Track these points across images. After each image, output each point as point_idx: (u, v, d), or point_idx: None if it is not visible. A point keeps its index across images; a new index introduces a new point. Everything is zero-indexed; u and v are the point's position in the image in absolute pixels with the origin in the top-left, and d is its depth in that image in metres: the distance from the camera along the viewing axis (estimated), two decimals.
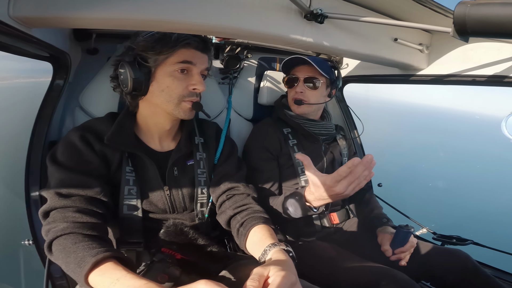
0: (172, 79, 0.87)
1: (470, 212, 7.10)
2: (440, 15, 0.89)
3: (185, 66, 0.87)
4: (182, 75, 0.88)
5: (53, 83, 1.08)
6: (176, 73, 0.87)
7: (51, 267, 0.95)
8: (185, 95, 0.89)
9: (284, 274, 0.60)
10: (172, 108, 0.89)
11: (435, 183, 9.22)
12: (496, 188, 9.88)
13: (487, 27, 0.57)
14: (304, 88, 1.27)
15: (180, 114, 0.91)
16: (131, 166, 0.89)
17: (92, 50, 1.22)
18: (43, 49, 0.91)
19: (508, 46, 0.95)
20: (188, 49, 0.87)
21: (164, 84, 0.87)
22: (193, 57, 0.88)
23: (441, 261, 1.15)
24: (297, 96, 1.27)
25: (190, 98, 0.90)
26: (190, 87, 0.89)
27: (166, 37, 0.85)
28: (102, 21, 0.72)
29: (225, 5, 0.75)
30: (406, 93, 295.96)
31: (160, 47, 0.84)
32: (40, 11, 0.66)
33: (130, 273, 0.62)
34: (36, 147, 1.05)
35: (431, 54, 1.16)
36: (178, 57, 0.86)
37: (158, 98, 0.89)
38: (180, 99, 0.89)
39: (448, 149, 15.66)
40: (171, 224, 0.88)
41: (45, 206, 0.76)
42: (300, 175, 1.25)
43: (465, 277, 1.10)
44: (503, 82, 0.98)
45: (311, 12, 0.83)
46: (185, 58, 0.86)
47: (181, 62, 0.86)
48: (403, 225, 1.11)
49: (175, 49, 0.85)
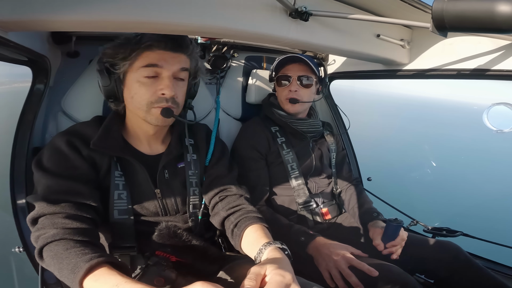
0: (139, 85, 0.83)
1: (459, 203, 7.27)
2: (420, 11, 0.91)
3: (151, 70, 0.82)
4: (150, 80, 0.83)
5: (33, 87, 1.05)
6: (143, 79, 0.83)
7: (45, 274, 0.93)
8: (153, 101, 0.84)
9: (281, 273, 0.61)
10: (143, 115, 0.86)
11: (422, 176, 9.42)
12: (485, 179, 10.13)
13: (464, 22, 0.60)
14: (297, 86, 1.27)
15: (152, 121, 0.86)
16: (120, 171, 0.87)
17: (73, 53, 1.19)
18: (20, 53, 0.88)
19: (488, 40, 0.98)
20: (153, 51, 0.82)
21: (133, 91, 0.85)
22: (159, 59, 0.82)
23: (433, 253, 1.17)
24: (291, 95, 1.27)
25: (159, 104, 0.84)
26: (158, 92, 0.83)
27: (128, 41, 0.82)
28: (81, 24, 0.70)
29: (209, 5, 0.74)
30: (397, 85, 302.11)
31: (123, 52, 0.82)
32: (16, 14, 0.63)
33: (127, 278, 0.61)
34: (20, 154, 1.02)
35: (413, 49, 1.20)
36: (143, 61, 0.82)
37: (130, 105, 0.88)
38: (149, 105, 0.84)
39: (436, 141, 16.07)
40: (164, 227, 0.88)
41: (33, 213, 0.74)
42: (290, 172, 1.27)
43: (458, 269, 1.12)
44: (485, 75, 1.01)
45: (296, 10, 0.84)
46: (149, 61, 0.82)
47: (145, 66, 0.82)
48: (392, 219, 1.12)
49: (138, 53, 0.82)
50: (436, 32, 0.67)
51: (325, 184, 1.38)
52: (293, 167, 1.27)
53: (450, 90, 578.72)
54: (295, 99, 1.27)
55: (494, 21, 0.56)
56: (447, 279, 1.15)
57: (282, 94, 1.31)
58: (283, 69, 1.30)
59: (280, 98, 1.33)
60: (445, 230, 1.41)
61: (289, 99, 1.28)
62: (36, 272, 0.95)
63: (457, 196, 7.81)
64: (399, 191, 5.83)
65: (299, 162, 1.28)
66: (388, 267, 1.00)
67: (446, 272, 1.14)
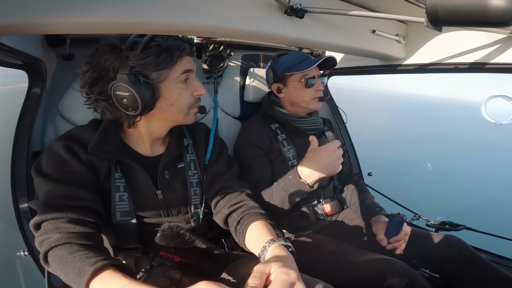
0: (179, 91, 0.86)
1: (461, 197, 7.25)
2: (414, 6, 0.91)
3: (187, 75, 0.87)
4: (185, 84, 0.88)
5: (30, 91, 1.05)
6: (180, 84, 0.87)
7: (51, 277, 0.94)
8: (192, 103, 0.90)
9: (286, 270, 0.61)
10: (182, 118, 0.90)
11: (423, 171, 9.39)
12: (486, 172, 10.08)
13: (458, 16, 0.60)
14: (320, 85, 1.30)
15: (190, 121, 0.93)
16: (120, 173, 0.87)
17: (68, 56, 1.19)
18: (15, 56, 0.88)
19: (483, 34, 0.98)
20: (185, 57, 0.86)
21: (173, 98, 0.86)
22: (191, 64, 0.88)
23: (437, 248, 1.17)
24: (320, 94, 1.30)
25: (196, 104, 0.92)
26: (194, 93, 0.90)
27: (166, 49, 0.81)
28: (74, 26, 0.69)
29: (204, 4, 0.74)
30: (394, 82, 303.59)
31: (164, 61, 0.81)
32: (8, 18, 0.63)
33: (132, 280, 0.62)
34: (19, 159, 1.02)
35: (408, 44, 1.20)
36: (181, 67, 0.85)
37: (167, 113, 0.88)
38: (189, 108, 0.90)
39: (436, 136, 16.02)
40: (167, 227, 0.88)
41: (36, 218, 0.74)
42: None
43: (462, 263, 1.12)
44: (481, 69, 1.01)
45: (291, 7, 0.84)
46: (186, 67, 0.86)
47: (184, 72, 0.86)
48: (395, 214, 1.11)
49: (176, 60, 0.84)
50: (431, 26, 0.67)
51: (327, 181, 1.38)
52: (294, 164, 1.27)
53: (451, 88, 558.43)
54: (323, 97, 1.31)
55: (487, 15, 0.56)
56: (452, 273, 1.15)
57: (306, 94, 1.29)
58: (304, 71, 1.26)
59: (303, 98, 1.29)
60: (448, 224, 1.40)
61: (319, 98, 1.30)
62: (42, 275, 0.96)
63: (459, 189, 7.80)
64: (400, 186, 5.83)
65: (300, 159, 1.29)
66: (393, 262, 1.00)
67: (451, 267, 1.14)
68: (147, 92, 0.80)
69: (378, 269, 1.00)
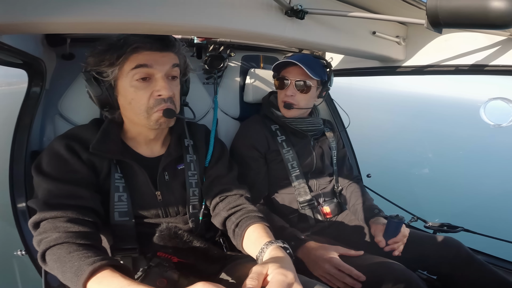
0: (134, 89, 0.81)
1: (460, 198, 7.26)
2: (415, 8, 0.92)
3: (143, 71, 0.80)
4: (144, 83, 0.81)
5: (30, 91, 1.05)
6: (136, 82, 0.81)
7: (48, 277, 0.94)
8: (152, 106, 0.82)
9: (283, 272, 0.61)
10: (144, 120, 0.84)
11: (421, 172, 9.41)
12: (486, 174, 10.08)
13: (458, 18, 0.60)
14: (294, 91, 1.23)
15: (155, 125, 0.85)
16: (120, 173, 0.87)
17: (68, 55, 1.18)
18: (15, 55, 0.88)
19: (483, 36, 0.98)
20: (140, 53, 0.80)
21: (129, 97, 0.82)
22: (148, 60, 0.80)
23: (434, 250, 1.17)
24: (287, 100, 1.24)
25: (158, 107, 0.82)
26: (155, 94, 0.82)
27: (111, 46, 0.80)
28: (74, 26, 0.69)
29: (205, 5, 0.74)
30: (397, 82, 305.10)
31: (109, 58, 0.79)
32: (8, 17, 0.63)
33: (130, 280, 0.61)
34: (18, 158, 1.02)
35: (408, 45, 1.20)
36: (131, 63, 0.80)
37: (128, 112, 0.86)
38: (148, 111, 0.83)
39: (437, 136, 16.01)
40: (165, 228, 0.88)
41: (35, 217, 0.74)
42: (291, 171, 1.26)
43: (460, 265, 1.12)
44: (481, 71, 1.01)
45: (292, 8, 0.84)
46: (137, 62, 0.79)
47: (134, 68, 0.79)
48: (394, 215, 1.12)
49: (125, 57, 0.79)
50: (431, 28, 0.67)
51: (326, 182, 1.38)
52: (293, 165, 1.27)
53: (452, 86, 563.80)
54: (290, 104, 1.23)
55: (487, 17, 0.56)
56: (450, 275, 1.15)
57: (279, 96, 1.29)
58: (283, 70, 1.27)
59: (278, 100, 1.31)
60: (446, 226, 1.41)
61: (284, 103, 1.25)
62: (40, 275, 0.95)
63: (457, 191, 7.81)
64: (398, 188, 5.83)
65: (299, 160, 1.28)
66: (390, 265, 1.00)
67: (448, 268, 1.14)
68: (97, 88, 0.83)
69: (374, 271, 1.00)
